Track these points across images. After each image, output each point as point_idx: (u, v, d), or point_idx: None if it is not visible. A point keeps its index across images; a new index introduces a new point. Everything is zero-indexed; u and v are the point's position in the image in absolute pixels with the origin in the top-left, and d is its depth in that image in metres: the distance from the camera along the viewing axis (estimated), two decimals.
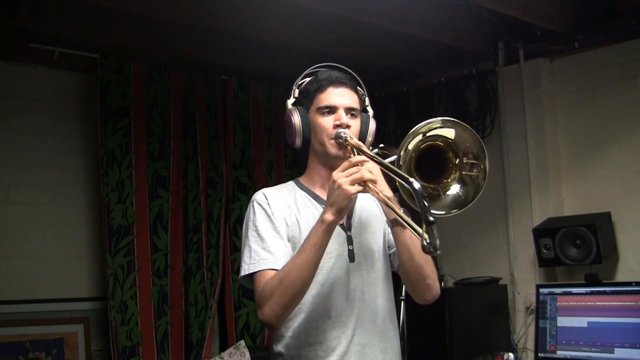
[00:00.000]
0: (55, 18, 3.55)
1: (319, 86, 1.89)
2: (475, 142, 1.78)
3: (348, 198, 1.67)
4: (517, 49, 3.93)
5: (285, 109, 1.93)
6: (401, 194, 1.67)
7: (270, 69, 4.33)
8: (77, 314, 3.79)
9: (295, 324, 1.82)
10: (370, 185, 1.68)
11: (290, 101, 1.93)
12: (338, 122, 1.84)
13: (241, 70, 4.34)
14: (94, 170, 3.90)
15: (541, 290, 3.60)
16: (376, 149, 1.87)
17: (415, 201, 1.53)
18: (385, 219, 1.89)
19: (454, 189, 1.80)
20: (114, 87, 3.83)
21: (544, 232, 3.60)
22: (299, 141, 1.90)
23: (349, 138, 1.81)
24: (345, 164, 1.70)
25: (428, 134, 1.76)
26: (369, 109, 1.98)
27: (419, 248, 1.54)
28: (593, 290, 3.43)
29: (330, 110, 1.87)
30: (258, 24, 3.62)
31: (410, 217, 1.64)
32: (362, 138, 1.91)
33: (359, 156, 1.73)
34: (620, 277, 3.56)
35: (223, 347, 4.09)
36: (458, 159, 1.80)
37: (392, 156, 1.76)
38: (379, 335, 1.85)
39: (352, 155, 1.78)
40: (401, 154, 1.72)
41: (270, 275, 1.76)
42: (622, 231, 3.58)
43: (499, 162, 4.01)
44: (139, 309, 3.78)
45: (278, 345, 1.85)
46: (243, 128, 4.30)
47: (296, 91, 1.94)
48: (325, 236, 1.69)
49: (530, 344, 3.73)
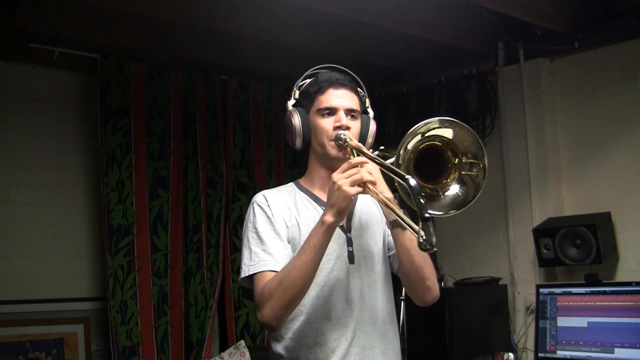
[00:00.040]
0: (55, 18, 3.55)
1: (319, 88, 1.89)
2: (473, 141, 1.78)
3: (348, 199, 1.66)
4: (517, 49, 3.93)
5: (286, 110, 1.93)
6: (401, 194, 1.67)
7: (270, 69, 4.33)
8: (77, 314, 3.79)
9: (295, 326, 1.82)
10: (370, 187, 1.68)
11: (290, 102, 1.93)
12: (338, 124, 1.84)
13: (241, 70, 4.34)
14: (94, 170, 3.90)
15: (541, 290, 3.60)
16: (376, 151, 1.86)
17: (411, 199, 1.53)
18: (385, 220, 1.89)
19: (454, 190, 1.79)
20: (114, 87, 3.83)
21: (544, 232, 3.60)
22: (299, 142, 1.90)
23: (349, 139, 1.81)
24: (345, 165, 1.70)
25: (427, 134, 1.76)
26: (370, 110, 1.98)
27: (416, 239, 1.53)
28: (593, 290, 3.43)
29: (331, 111, 1.87)
30: (258, 24, 3.62)
31: (409, 219, 1.64)
32: (362, 139, 1.91)
33: (358, 158, 1.72)
34: (620, 277, 3.56)
35: (223, 347, 4.09)
36: (457, 159, 1.79)
37: (393, 158, 1.75)
38: (379, 337, 1.85)
39: (352, 156, 1.78)
40: (400, 153, 1.71)
41: (269, 276, 1.76)
42: (622, 231, 3.58)
43: (499, 162, 4.01)
44: (139, 309, 3.78)
45: (278, 346, 1.84)
46: (243, 128, 4.30)
47: (297, 92, 1.94)
48: (325, 238, 1.69)
49: (530, 344, 3.73)
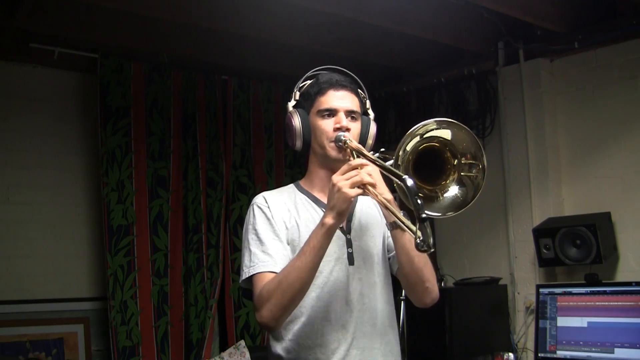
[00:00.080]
0: (55, 18, 3.55)
1: (319, 89, 1.89)
2: (472, 142, 1.78)
3: (348, 201, 1.66)
4: (517, 49, 3.93)
5: (286, 110, 1.93)
6: (400, 195, 1.67)
7: (270, 69, 4.33)
8: (77, 314, 3.79)
9: (295, 327, 1.81)
10: (370, 188, 1.67)
11: (291, 104, 1.93)
12: (338, 125, 1.84)
13: (241, 70, 4.34)
14: (94, 170, 3.90)
15: (541, 290, 3.60)
16: (377, 153, 1.86)
17: (409, 199, 1.53)
18: (385, 222, 1.89)
19: (453, 191, 1.79)
20: (114, 87, 3.83)
21: (544, 232, 3.60)
22: (299, 143, 1.90)
23: (349, 141, 1.81)
24: (344, 167, 1.70)
25: (425, 136, 1.75)
26: (370, 111, 1.98)
27: (413, 239, 1.53)
28: (593, 290, 3.43)
29: (331, 113, 1.87)
30: (258, 24, 3.62)
31: (409, 219, 1.64)
32: (363, 141, 1.91)
33: (358, 159, 1.72)
34: (620, 277, 3.56)
35: (223, 347, 4.09)
36: (456, 160, 1.79)
37: (392, 160, 1.75)
38: (378, 338, 1.85)
39: (352, 158, 1.78)
40: (399, 155, 1.71)
41: (268, 277, 1.76)
42: (622, 231, 3.58)
43: (499, 162, 4.01)
44: (139, 309, 3.78)
45: (277, 347, 1.84)
46: (243, 128, 4.30)
47: (297, 94, 1.94)
48: (324, 240, 1.69)
49: (530, 344, 3.73)
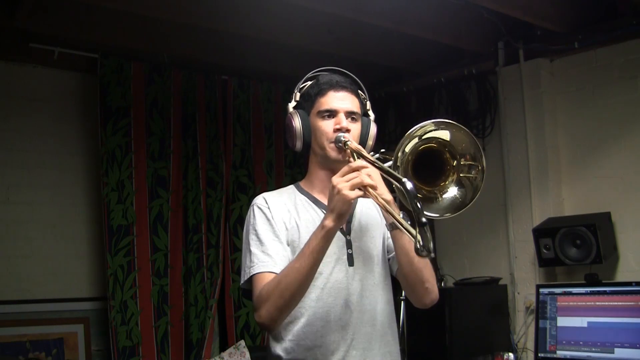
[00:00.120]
0: (55, 18, 3.55)
1: (319, 90, 1.89)
2: (471, 143, 1.78)
3: (348, 203, 1.66)
4: (517, 49, 3.93)
5: (287, 111, 1.93)
6: (399, 197, 1.66)
7: (270, 69, 4.33)
8: (77, 314, 3.79)
9: (294, 328, 1.82)
10: (370, 190, 1.67)
11: (291, 105, 1.94)
12: (338, 126, 1.84)
13: (241, 70, 4.34)
14: (94, 170, 3.90)
15: (541, 290, 3.60)
16: (377, 154, 1.86)
17: (408, 202, 1.53)
18: (384, 223, 1.89)
19: (452, 192, 1.79)
20: (114, 87, 3.83)
21: (544, 232, 3.60)
22: (299, 144, 1.90)
23: (349, 142, 1.81)
24: (345, 168, 1.69)
25: (424, 137, 1.75)
26: (370, 112, 1.98)
27: (413, 244, 1.52)
28: (593, 290, 3.43)
29: (331, 114, 1.87)
30: (258, 24, 3.62)
31: (409, 221, 1.64)
32: (363, 142, 1.91)
33: (358, 161, 1.71)
34: (620, 277, 3.56)
35: (223, 347, 4.09)
36: (455, 161, 1.79)
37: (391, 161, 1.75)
38: (378, 339, 1.85)
39: (352, 159, 1.77)
40: (398, 156, 1.71)
41: (268, 278, 1.76)
42: (622, 231, 3.58)
43: (499, 162, 4.01)
44: (139, 309, 3.78)
45: (277, 348, 1.85)
46: (243, 128, 4.30)
47: (297, 95, 1.95)
48: (324, 242, 1.68)
49: (530, 344, 3.73)
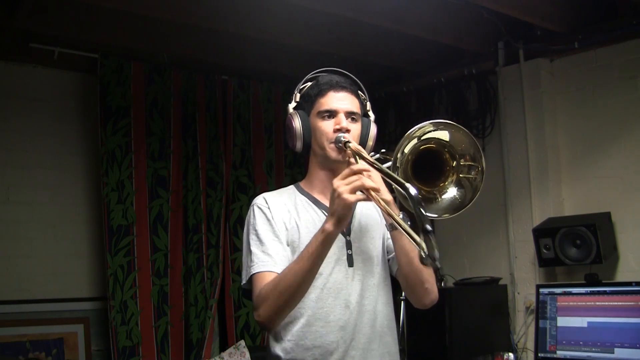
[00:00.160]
0: (55, 18, 3.55)
1: (319, 90, 1.89)
2: (470, 143, 1.77)
3: (348, 207, 1.65)
4: (517, 49, 3.93)
5: (287, 111, 1.94)
6: (398, 198, 1.66)
7: (270, 69, 4.33)
8: (77, 314, 3.80)
9: (294, 328, 1.82)
10: (372, 193, 1.65)
11: (291, 105, 1.94)
12: (338, 127, 1.85)
13: (241, 70, 4.34)
14: (94, 170, 3.90)
15: (541, 290, 3.60)
16: (377, 154, 1.86)
17: (411, 207, 1.52)
18: (384, 223, 1.89)
19: (451, 192, 1.79)
20: (114, 87, 3.83)
21: (544, 232, 3.59)
22: (299, 145, 1.91)
23: (349, 142, 1.81)
24: (346, 171, 1.67)
25: (423, 138, 1.75)
26: (371, 113, 1.98)
27: (418, 252, 1.52)
28: (593, 290, 3.43)
29: (331, 114, 1.87)
30: (258, 24, 3.62)
31: (409, 221, 1.64)
32: (363, 142, 1.91)
33: (360, 164, 1.70)
34: (620, 277, 3.56)
35: (223, 347, 4.09)
36: (455, 161, 1.79)
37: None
38: (377, 339, 1.85)
39: (353, 159, 1.77)
40: (398, 157, 1.71)
41: (268, 277, 1.77)
42: (622, 231, 3.58)
43: (499, 162, 4.01)
44: (139, 309, 3.78)
45: (276, 348, 1.85)
46: (243, 128, 4.30)
47: (297, 95, 1.95)
48: (323, 246, 1.67)
49: (530, 344, 3.73)
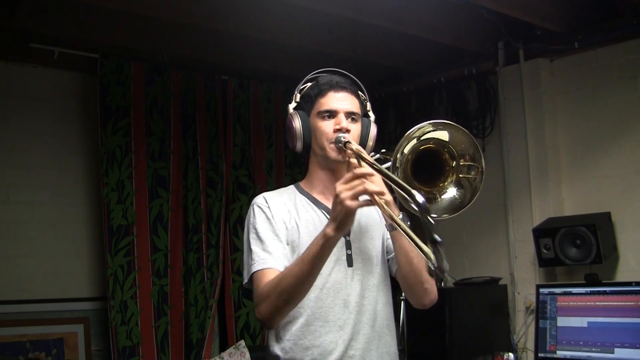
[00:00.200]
0: (55, 18, 3.55)
1: (319, 90, 1.89)
2: (470, 143, 1.78)
3: (350, 214, 1.62)
4: (517, 49, 3.93)
5: (287, 111, 1.94)
6: (399, 199, 1.65)
7: (270, 69, 4.33)
8: (77, 314, 3.80)
9: (293, 328, 1.82)
10: (376, 197, 1.62)
11: (291, 105, 1.94)
12: (338, 127, 1.85)
13: (241, 70, 4.34)
14: (94, 170, 3.90)
15: (541, 290, 3.60)
16: (377, 155, 1.86)
17: (414, 210, 1.51)
18: (384, 224, 1.88)
19: (451, 192, 1.79)
20: (114, 87, 3.83)
21: (544, 232, 3.59)
22: (299, 145, 1.91)
23: (349, 142, 1.81)
24: (348, 175, 1.64)
25: (422, 138, 1.75)
26: (371, 113, 1.98)
27: (417, 253, 1.51)
28: (593, 290, 3.42)
29: (331, 114, 1.87)
30: (258, 24, 3.62)
31: (408, 221, 1.64)
32: (363, 142, 1.91)
33: (364, 168, 1.67)
34: (620, 277, 3.56)
35: (223, 347, 4.09)
36: (455, 162, 1.79)
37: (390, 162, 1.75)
38: (376, 340, 1.85)
39: (353, 159, 1.76)
40: (397, 157, 1.71)
41: (269, 274, 1.77)
42: (622, 231, 3.58)
43: (499, 162, 4.01)
44: (139, 309, 3.78)
45: (275, 347, 1.85)
46: (243, 128, 4.30)
47: (297, 96, 1.95)
48: (324, 250, 1.66)
49: (530, 344, 3.73)
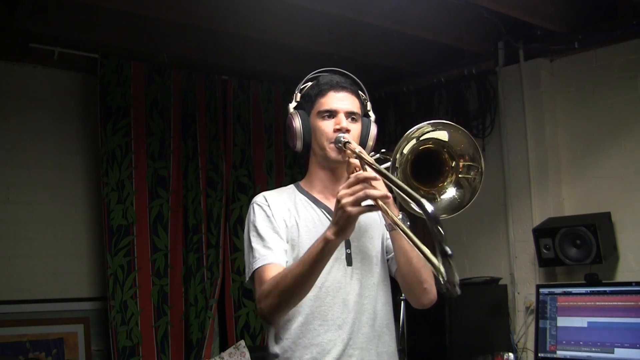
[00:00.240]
0: (55, 18, 3.55)
1: (319, 90, 1.89)
2: (469, 143, 1.77)
3: (351, 219, 1.61)
4: (517, 49, 3.93)
5: (287, 111, 1.94)
6: (399, 200, 1.65)
7: (270, 69, 4.33)
8: (77, 314, 3.80)
9: (292, 326, 1.82)
10: (379, 202, 1.60)
11: (292, 105, 1.94)
12: (338, 126, 1.85)
13: (241, 70, 4.34)
14: (94, 170, 3.90)
15: (541, 290, 3.60)
16: (377, 154, 1.85)
17: (418, 212, 1.49)
18: (384, 223, 1.89)
19: (450, 193, 1.79)
20: (114, 87, 3.83)
21: (544, 232, 3.59)
22: (299, 145, 1.91)
23: (349, 142, 1.81)
24: (351, 179, 1.62)
25: (422, 138, 1.75)
26: (371, 113, 1.98)
27: (417, 252, 1.50)
28: (593, 290, 3.42)
29: (331, 114, 1.87)
30: (258, 24, 3.62)
31: (408, 221, 1.63)
32: (363, 142, 1.91)
33: (366, 172, 1.64)
34: (620, 277, 3.56)
35: (223, 347, 4.09)
36: (454, 162, 1.79)
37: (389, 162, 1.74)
38: (375, 339, 1.85)
39: (353, 160, 1.76)
40: (397, 157, 1.71)
41: (271, 269, 1.77)
42: (622, 231, 3.58)
43: (499, 162, 4.01)
44: (139, 309, 3.78)
45: (274, 346, 1.85)
46: (243, 128, 4.30)
47: (298, 95, 1.95)
48: (324, 253, 1.65)
49: (530, 344, 3.73)
